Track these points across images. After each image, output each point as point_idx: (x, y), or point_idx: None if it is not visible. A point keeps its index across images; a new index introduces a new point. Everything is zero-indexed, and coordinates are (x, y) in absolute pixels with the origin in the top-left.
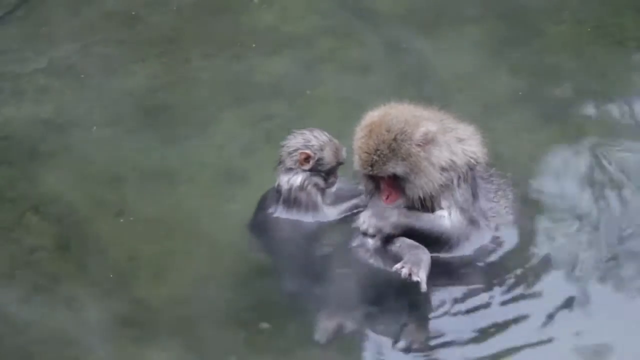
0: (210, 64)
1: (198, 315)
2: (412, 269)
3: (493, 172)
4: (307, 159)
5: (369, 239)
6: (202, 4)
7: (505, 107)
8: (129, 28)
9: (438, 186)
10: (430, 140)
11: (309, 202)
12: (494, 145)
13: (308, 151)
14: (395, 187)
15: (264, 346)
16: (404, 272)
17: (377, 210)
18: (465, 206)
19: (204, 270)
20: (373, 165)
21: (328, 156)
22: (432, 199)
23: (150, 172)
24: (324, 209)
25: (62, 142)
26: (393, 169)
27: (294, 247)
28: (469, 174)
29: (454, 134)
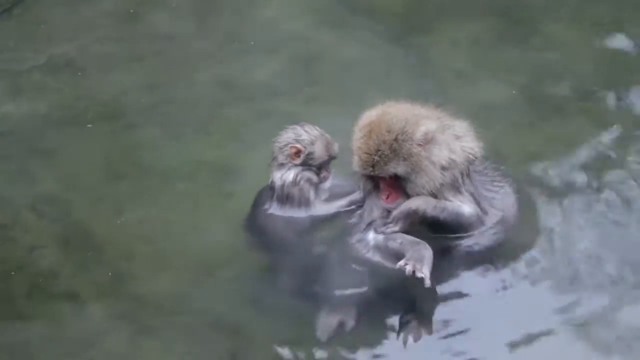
0: (208, 61)
1: (196, 312)
2: (415, 265)
3: (487, 165)
4: (298, 153)
5: (369, 235)
6: (200, 1)
7: (503, 105)
8: (127, 25)
9: (439, 185)
10: (430, 139)
11: (302, 198)
12: (492, 142)
13: (298, 145)
14: (396, 187)
15: (262, 344)
16: (408, 269)
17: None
18: (476, 196)
19: (203, 268)
20: (374, 166)
21: (319, 150)
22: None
23: (148, 170)
24: (317, 205)
25: (60, 139)
26: (394, 169)
27: (290, 244)
28: (469, 169)
29: (451, 131)
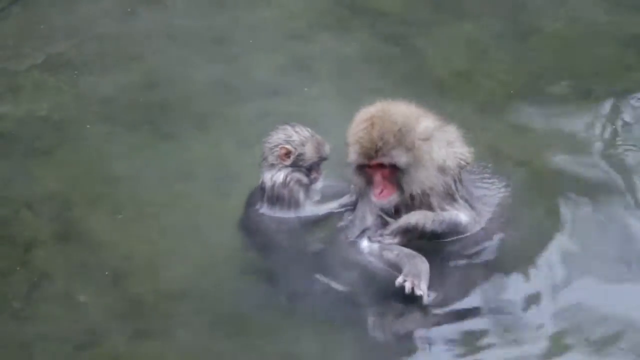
0: (206, 60)
1: (194, 311)
2: (414, 281)
3: (476, 164)
4: (288, 154)
5: (364, 243)
6: (198, 0)
7: (501, 105)
8: (126, 25)
9: (434, 185)
10: (430, 135)
11: (292, 199)
12: (490, 142)
13: (288, 146)
14: (391, 181)
15: (260, 343)
16: (408, 287)
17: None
18: (470, 201)
19: (200, 267)
20: (377, 152)
21: (309, 151)
22: (425, 199)
23: (146, 169)
24: (307, 207)
25: (58, 138)
26: (398, 157)
27: (281, 245)
28: (461, 174)
29: (446, 135)
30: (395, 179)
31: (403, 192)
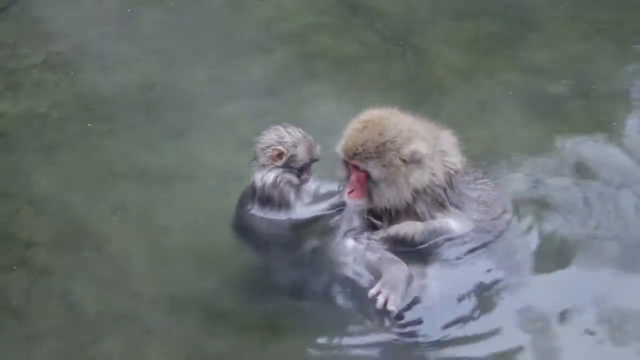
0: (205, 60)
1: (193, 310)
2: (389, 296)
3: (470, 164)
4: (280, 155)
5: (349, 242)
6: (197, 0)
7: (500, 103)
8: (125, 24)
9: (405, 203)
10: (416, 160)
11: (282, 199)
12: (489, 142)
13: (280, 148)
14: (362, 186)
15: (259, 342)
16: (380, 302)
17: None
18: (461, 205)
19: (200, 266)
20: (355, 155)
21: (301, 153)
22: (393, 213)
23: (145, 168)
24: (297, 207)
25: (57, 137)
26: (372, 168)
27: (273, 244)
28: (452, 181)
29: (441, 156)
30: (368, 186)
31: (372, 202)
